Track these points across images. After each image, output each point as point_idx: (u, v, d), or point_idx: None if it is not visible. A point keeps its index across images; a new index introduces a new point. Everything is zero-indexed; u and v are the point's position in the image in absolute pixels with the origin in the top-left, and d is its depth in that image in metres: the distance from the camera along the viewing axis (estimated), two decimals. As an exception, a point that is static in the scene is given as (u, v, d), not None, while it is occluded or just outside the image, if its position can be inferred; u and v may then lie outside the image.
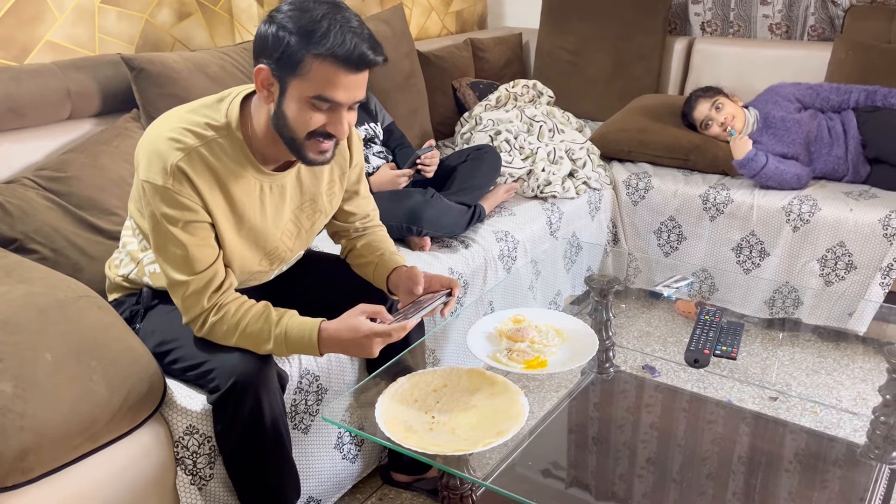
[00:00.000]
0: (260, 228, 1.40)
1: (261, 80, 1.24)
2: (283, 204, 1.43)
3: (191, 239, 1.30)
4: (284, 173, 1.40)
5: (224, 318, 1.34)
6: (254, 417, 1.35)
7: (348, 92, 1.23)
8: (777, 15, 3.01)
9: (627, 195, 2.63)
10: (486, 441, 1.21)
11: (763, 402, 2.09)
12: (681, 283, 2.14)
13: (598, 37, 3.16)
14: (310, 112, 1.24)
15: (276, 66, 1.21)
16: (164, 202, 1.27)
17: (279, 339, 1.34)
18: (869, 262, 2.23)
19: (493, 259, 2.14)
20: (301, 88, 1.22)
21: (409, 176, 2.18)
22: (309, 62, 1.19)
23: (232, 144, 1.31)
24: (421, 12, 3.33)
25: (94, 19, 2.13)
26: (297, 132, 1.26)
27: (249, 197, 1.36)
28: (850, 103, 2.52)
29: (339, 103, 1.23)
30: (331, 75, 1.20)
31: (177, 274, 1.32)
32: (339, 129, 1.27)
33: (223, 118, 1.31)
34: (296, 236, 1.50)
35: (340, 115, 1.25)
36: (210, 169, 1.30)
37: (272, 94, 1.25)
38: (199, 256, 1.31)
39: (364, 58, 1.21)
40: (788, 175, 2.39)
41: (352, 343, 1.32)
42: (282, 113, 1.25)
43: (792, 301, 2.38)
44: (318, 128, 1.25)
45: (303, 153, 1.29)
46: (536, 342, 1.51)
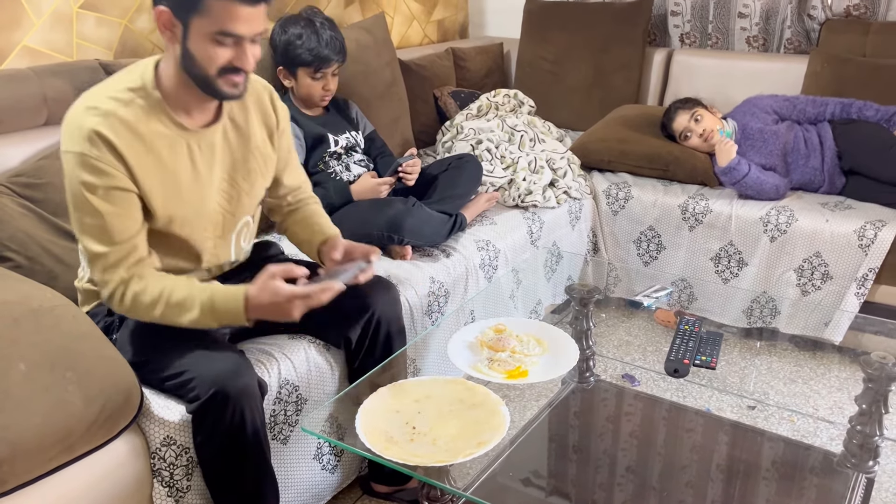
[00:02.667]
0: (195, 189, 1.41)
1: (163, 22, 1.28)
2: (214, 163, 1.44)
3: (109, 208, 1.29)
4: (211, 129, 1.42)
5: (147, 289, 1.33)
6: (235, 427, 1.34)
7: (248, 24, 1.28)
8: (754, 28, 3.05)
9: (607, 205, 2.65)
10: (468, 452, 1.21)
11: (741, 410, 2.11)
12: (660, 292, 2.16)
13: (578, 47, 3.18)
14: (215, 48, 1.28)
15: (175, 6, 1.26)
16: (83, 168, 1.27)
17: (205, 306, 1.33)
18: (844, 273, 2.26)
19: (475, 268, 2.14)
20: (203, 25, 1.26)
21: (391, 184, 2.17)
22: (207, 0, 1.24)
23: (151, 104, 1.34)
24: (402, 21, 3.34)
25: (72, 25, 2.10)
26: (206, 69, 1.30)
27: (179, 157, 1.37)
28: (825, 115, 2.56)
29: (241, 36, 1.28)
30: (231, 9, 1.25)
31: (95, 245, 1.31)
32: (245, 61, 1.31)
33: (139, 81, 1.34)
34: (236, 200, 1.50)
35: (244, 47, 1.30)
36: (132, 131, 1.31)
37: (176, 35, 1.29)
38: (118, 226, 1.31)
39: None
40: (768, 185, 2.42)
41: (274, 307, 1.32)
42: (188, 52, 1.29)
43: (770, 310, 2.40)
44: (226, 63, 1.30)
45: (216, 88, 1.33)
46: (517, 352, 1.52)
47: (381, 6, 3.17)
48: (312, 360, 1.62)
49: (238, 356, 1.40)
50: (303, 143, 2.16)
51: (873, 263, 2.19)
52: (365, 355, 1.64)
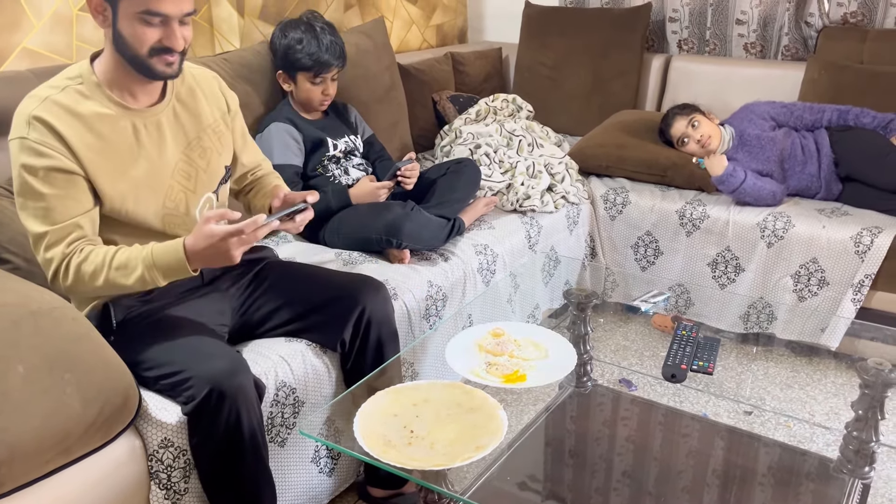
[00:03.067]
0: (145, 168, 1.43)
1: (93, 6, 1.34)
2: (164, 142, 1.47)
3: (50, 189, 1.32)
4: (156, 108, 1.46)
5: (89, 258, 1.35)
6: (231, 427, 1.34)
7: (174, 4, 1.32)
8: (752, 34, 3.07)
9: (605, 210, 2.66)
10: (465, 456, 1.21)
11: (738, 416, 2.11)
12: (657, 297, 2.16)
13: (577, 53, 3.19)
14: (143, 28, 1.32)
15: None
16: (24, 152, 1.31)
17: (147, 261, 1.34)
18: (841, 279, 2.27)
19: (473, 272, 2.15)
20: (129, 6, 1.31)
21: (389, 188, 2.18)
22: None
23: (89, 87, 1.38)
24: (402, 25, 3.35)
25: (71, 27, 2.11)
26: (137, 49, 1.34)
27: (122, 136, 1.40)
28: (822, 122, 2.58)
29: (167, 15, 1.32)
30: None
31: (36, 225, 1.34)
32: (174, 41, 1.35)
33: (76, 70, 1.40)
34: (194, 178, 1.52)
35: (173, 28, 1.34)
36: (72, 113, 1.35)
37: (107, 18, 1.34)
38: (59, 207, 1.34)
39: None
40: (765, 192, 2.43)
41: (212, 250, 1.33)
42: (119, 34, 1.34)
43: (766, 316, 2.41)
44: (155, 43, 1.34)
45: (150, 68, 1.37)
46: (515, 356, 1.52)
47: (381, 10, 3.18)
48: (309, 362, 1.62)
49: (234, 356, 1.41)
50: (301, 147, 2.16)
51: (870, 270, 2.20)
52: (357, 355, 1.65)
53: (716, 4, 3.09)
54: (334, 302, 1.63)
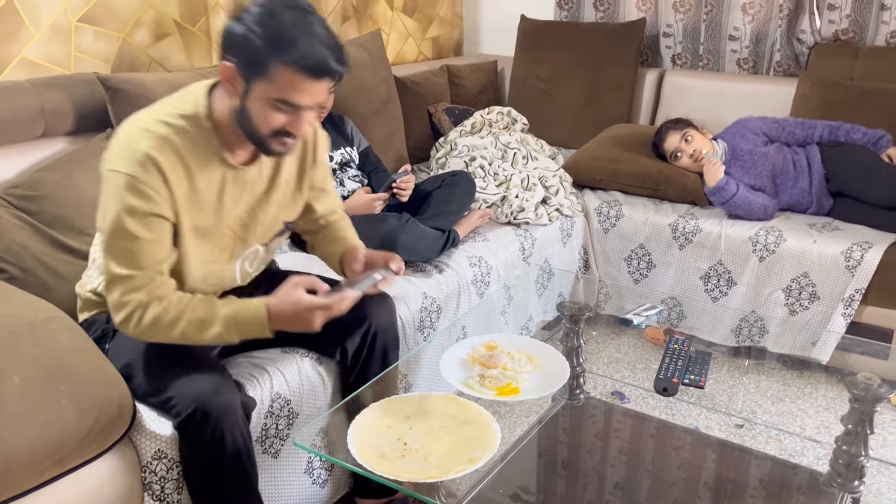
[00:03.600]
0: (212, 218, 1.40)
1: (227, 76, 1.28)
2: (242, 197, 1.43)
3: (145, 233, 1.28)
4: (249, 168, 1.42)
5: (168, 309, 1.31)
6: (215, 446, 1.33)
7: (311, 97, 1.28)
8: (744, 50, 3.10)
9: (599, 223, 2.67)
10: (458, 468, 1.22)
11: (729, 429, 2.12)
12: (650, 310, 2.18)
13: (572, 66, 3.22)
14: (272, 112, 1.28)
15: (242, 66, 1.26)
16: (129, 191, 1.26)
17: (228, 321, 1.32)
18: (832, 293, 2.29)
19: (467, 284, 2.16)
20: (265, 90, 1.26)
21: (385, 200, 2.19)
22: (275, 67, 1.23)
23: (200, 134, 1.33)
24: (398, 38, 3.37)
25: (70, 37, 2.12)
26: (259, 129, 1.30)
27: (211, 189, 1.37)
28: (814, 138, 2.60)
29: (301, 107, 1.29)
30: (295, 82, 1.25)
31: (121, 268, 1.29)
32: (299, 129, 1.32)
33: (192, 108, 1.33)
34: (251, 229, 1.49)
35: (302, 116, 1.30)
36: (182, 161, 1.31)
37: (237, 90, 1.29)
38: (148, 252, 1.30)
39: (328, 68, 1.25)
40: (756, 206, 2.45)
41: (294, 317, 1.32)
42: (245, 110, 1.29)
43: (758, 329, 2.43)
44: (280, 127, 1.30)
45: (265, 146, 1.34)
46: (509, 368, 1.53)
47: (378, 23, 3.21)
48: (305, 374, 1.63)
49: (220, 375, 1.39)
50: (298, 158, 2.18)
51: (860, 284, 2.22)
52: (362, 367, 1.65)
53: (709, 20, 3.13)
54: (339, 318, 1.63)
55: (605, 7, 3.36)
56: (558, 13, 3.46)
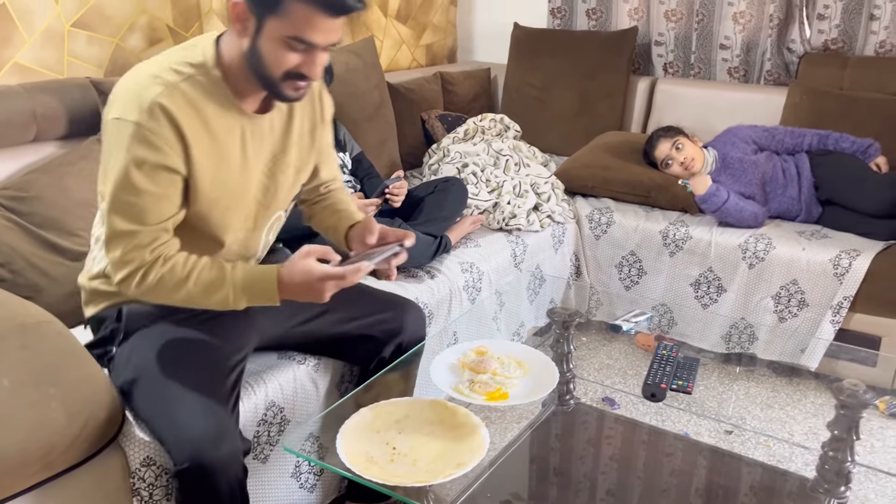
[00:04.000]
0: (241, 177, 1.36)
1: (237, 13, 1.23)
2: (262, 151, 1.38)
3: (151, 187, 1.23)
4: (263, 117, 1.36)
5: (174, 269, 1.27)
6: (210, 494, 1.27)
7: (326, 35, 1.23)
8: (735, 59, 3.13)
9: (590, 229, 2.69)
10: (447, 473, 1.22)
11: (719, 435, 2.13)
12: (640, 316, 2.19)
13: (564, 74, 3.23)
14: (285, 52, 1.23)
15: (254, 2, 1.21)
16: (135, 140, 1.21)
17: (236, 283, 1.28)
18: (820, 300, 2.30)
19: (458, 290, 2.17)
20: (278, 28, 1.21)
21: (377, 205, 2.20)
22: (289, 3, 1.19)
23: (212, 83, 1.28)
24: (392, 45, 3.39)
25: (63, 42, 2.12)
26: (271, 70, 1.25)
27: (233, 141, 1.33)
28: (803, 146, 2.63)
29: (315, 45, 1.23)
30: (311, 18, 1.20)
31: (124, 222, 1.24)
32: (313, 70, 1.26)
33: (200, 57, 1.28)
34: (272, 193, 1.44)
35: (315, 56, 1.25)
36: (193, 106, 1.25)
37: (247, 28, 1.23)
38: (154, 208, 1.25)
39: (345, 4, 1.20)
40: (747, 213, 2.47)
41: (305, 287, 1.28)
42: (256, 50, 1.24)
43: (747, 336, 2.44)
44: (293, 68, 1.24)
45: (278, 90, 1.28)
46: (498, 374, 1.53)
47: (371, 30, 3.22)
48: (299, 381, 1.63)
49: (219, 417, 1.30)
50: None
51: (848, 292, 2.24)
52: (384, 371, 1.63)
53: (700, 29, 3.15)
54: (375, 325, 1.62)
55: (597, 15, 3.38)
56: (551, 21, 3.48)
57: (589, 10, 3.39)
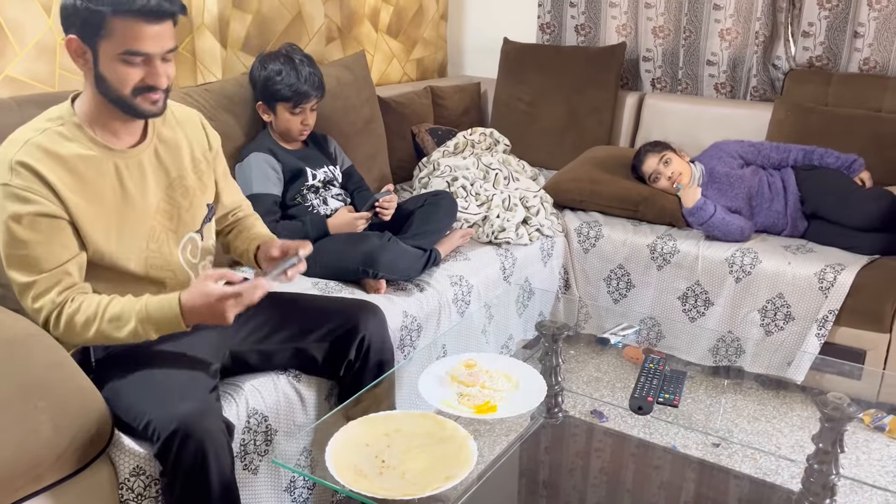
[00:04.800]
0: (127, 209, 1.41)
1: (73, 50, 1.31)
2: (147, 183, 1.44)
3: (35, 236, 1.29)
4: (137, 149, 1.43)
5: (82, 308, 1.32)
6: (198, 468, 1.30)
7: (155, 42, 1.30)
8: (722, 75, 3.17)
9: (579, 243, 2.71)
10: (435, 486, 1.23)
11: (706, 448, 2.15)
12: (628, 330, 2.20)
13: (553, 89, 3.26)
14: (125, 68, 1.30)
15: (81, 33, 1.29)
16: (7, 199, 1.28)
17: (141, 315, 1.32)
18: (806, 314, 2.33)
19: (448, 303, 2.18)
20: (110, 48, 1.28)
21: (367, 219, 2.21)
22: (110, 22, 1.26)
23: (69, 129, 1.35)
24: (382, 59, 3.41)
25: (55, 55, 2.13)
26: (120, 90, 1.32)
27: (105, 177, 1.38)
28: (789, 161, 2.66)
29: (149, 54, 1.30)
30: (133, 29, 1.27)
31: (23, 276, 1.30)
32: (157, 80, 1.33)
33: (56, 112, 1.37)
34: (176, 218, 1.50)
35: (155, 66, 1.32)
36: (53, 156, 1.31)
37: (87, 60, 1.31)
38: (43, 255, 1.30)
39: (161, 8, 1.28)
40: (733, 227, 2.50)
41: (207, 308, 1.32)
42: (100, 76, 1.31)
43: (735, 349, 2.46)
44: (139, 83, 1.32)
45: (134, 108, 1.35)
46: (487, 387, 1.54)
47: (362, 44, 3.24)
48: (281, 390, 1.64)
49: (204, 397, 1.37)
50: (280, 177, 2.19)
51: (833, 305, 2.27)
52: (354, 380, 1.66)
53: (687, 46, 3.19)
54: (334, 329, 1.65)
55: (586, 31, 3.42)
56: (540, 36, 3.52)
57: (578, 25, 3.42)
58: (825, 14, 2.91)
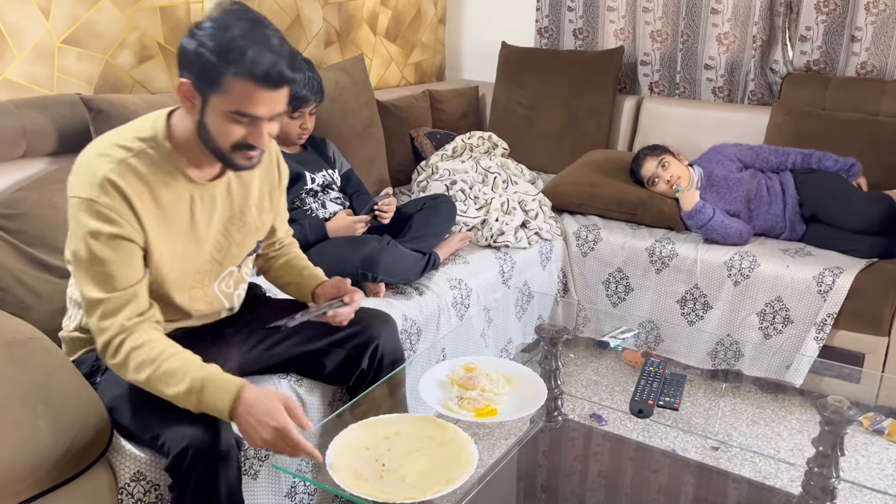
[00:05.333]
0: (191, 240, 1.41)
1: (183, 93, 1.30)
2: (214, 214, 1.45)
3: (112, 255, 1.28)
4: (215, 183, 1.43)
5: (144, 348, 1.28)
6: (209, 484, 1.29)
7: (267, 107, 1.29)
8: (720, 79, 3.17)
9: (577, 246, 2.71)
10: (436, 489, 1.22)
11: (705, 451, 2.15)
12: (627, 333, 2.20)
13: (551, 93, 3.27)
14: (230, 125, 1.29)
15: (197, 81, 1.27)
16: (90, 215, 1.27)
17: (196, 385, 1.26)
18: (804, 317, 2.33)
19: (447, 306, 2.18)
20: (221, 103, 1.27)
21: (366, 222, 2.21)
22: (228, 80, 1.25)
23: (160, 154, 1.34)
24: (381, 63, 3.41)
25: (53, 59, 2.13)
26: (220, 143, 1.31)
27: (181, 207, 1.38)
28: (787, 165, 2.67)
29: (258, 118, 1.29)
30: (249, 92, 1.26)
31: (95, 291, 1.28)
32: (259, 140, 1.32)
33: (150, 131, 1.35)
34: (225, 250, 1.50)
35: (261, 127, 1.31)
36: (143, 182, 1.31)
37: (195, 105, 1.30)
38: (118, 274, 1.29)
39: (281, 76, 1.26)
40: (732, 230, 2.50)
41: (259, 425, 1.25)
42: (204, 125, 1.30)
43: (733, 353, 2.46)
44: (240, 140, 1.30)
45: (229, 161, 1.35)
46: (487, 390, 1.54)
47: (361, 48, 3.24)
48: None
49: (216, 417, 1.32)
50: (280, 180, 2.19)
51: (831, 309, 2.27)
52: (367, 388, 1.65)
53: (685, 50, 3.20)
54: (350, 338, 1.65)
55: (584, 35, 3.43)
56: (538, 41, 3.52)
57: (576, 29, 3.43)
58: (822, 18, 2.92)
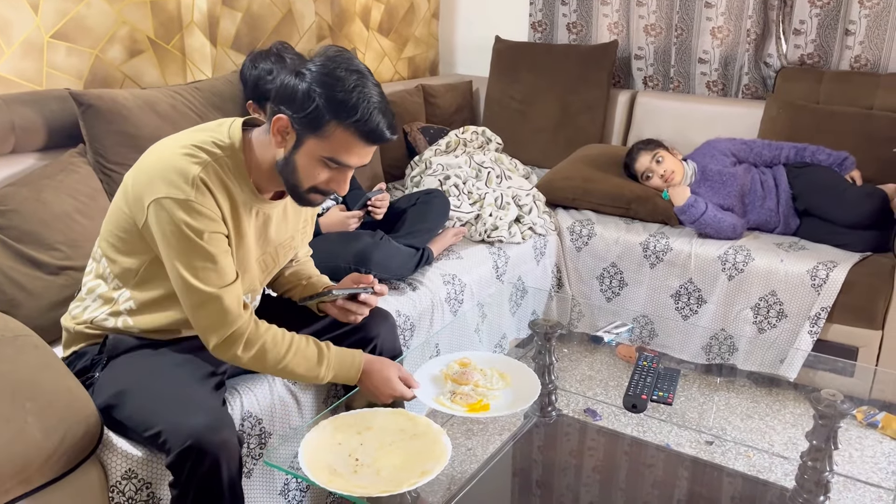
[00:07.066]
0: (249, 254, 1.45)
1: (278, 127, 1.31)
2: (268, 234, 1.48)
3: (216, 250, 1.32)
4: (274, 203, 1.46)
5: (276, 339, 1.39)
6: (212, 481, 1.28)
7: (360, 159, 1.33)
8: (714, 73, 3.17)
9: (571, 241, 2.70)
10: (412, 481, 1.22)
11: (700, 445, 2.15)
12: (621, 328, 2.20)
13: (545, 87, 3.26)
14: (320, 168, 1.32)
15: (298, 120, 1.29)
16: (188, 213, 1.28)
17: (331, 360, 1.45)
18: (798, 311, 2.33)
19: (441, 302, 2.17)
20: (317, 147, 1.30)
21: (359, 218, 2.20)
22: (332, 127, 1.28)
23: (235, 164, 1.36)
24: (374, 57, 3.40)
25: (42, 54, 2.11)
26: (302, 182, 1.34)
27: (250, 217, 1.42)
28: (781, 159, 2.66)
29: (348, 167, 1.33)
30: (350, 144, 1.29)
31: (208, 287, 1.31)
32: (342, 187, 1.37)
33: (227, 139, 1.37)
34: (270, 270, 1.55)
35: (345, 175, 1.35)
36: (223, 184, 1.34)
37: (286, 141, 1.32)
38: (226, 268, 1.34)
39: (382, 135, 1.31)
40: (725, 224, 2.50)
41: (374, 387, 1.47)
42: (291, 161, 1.33)
43: (727, 347, 2.46)
44: (322, 184, 1.34)
45: (300, 198, 1.38)
46: (480, 385, 1.54)
47: (354, 42, 3.23)
48: (276, 393, 1.62)
49: (218, 410, 1.35)
50: (272, 176, 2.18)
51: (825, 303, 2.27)
52: None
53: (679, 44, 3.19)
54: (345, 337, 1.65)
55: (577, 29, 3.42)
56: (532, 35, 3.51)
57: (569, 24, 3.42)
58: (816, 12, 2.91)
